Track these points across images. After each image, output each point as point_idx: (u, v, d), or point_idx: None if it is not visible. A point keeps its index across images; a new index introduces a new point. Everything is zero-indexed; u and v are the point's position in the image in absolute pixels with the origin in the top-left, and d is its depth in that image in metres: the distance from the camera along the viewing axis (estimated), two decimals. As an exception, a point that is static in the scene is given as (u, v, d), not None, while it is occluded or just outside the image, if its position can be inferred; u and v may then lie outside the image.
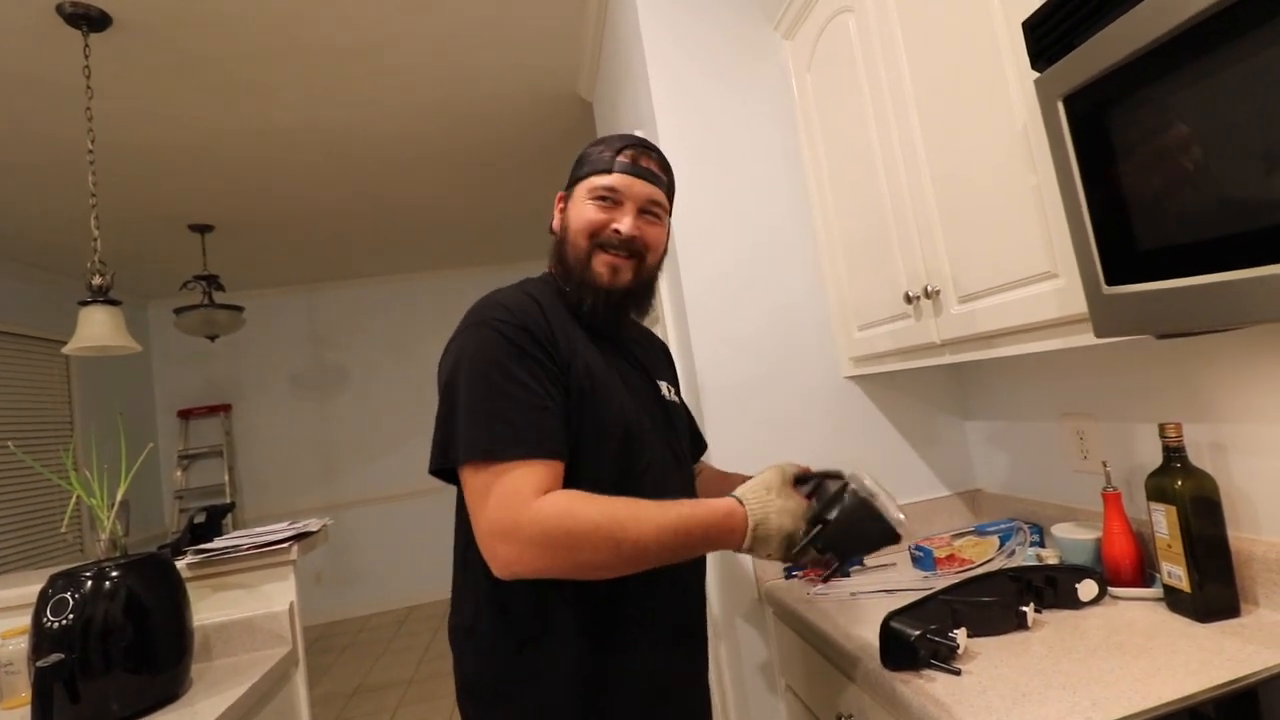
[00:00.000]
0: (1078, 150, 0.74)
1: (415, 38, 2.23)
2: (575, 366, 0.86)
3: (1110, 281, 0.73)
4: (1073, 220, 0.77)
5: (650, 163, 0.96)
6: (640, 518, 0.77)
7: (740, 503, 0.83)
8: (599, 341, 0.94)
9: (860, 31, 1.30)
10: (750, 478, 0.90)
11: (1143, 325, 0.71)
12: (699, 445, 1.22)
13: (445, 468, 0.83)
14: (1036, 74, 0.80)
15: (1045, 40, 0.78)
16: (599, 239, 0.92)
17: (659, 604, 0.92)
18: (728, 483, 1.08)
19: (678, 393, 1.12)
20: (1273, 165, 0.57)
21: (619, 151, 0.94)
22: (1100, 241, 0.74)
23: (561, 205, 1.00)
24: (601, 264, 0.92)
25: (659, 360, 1.13)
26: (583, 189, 0.95)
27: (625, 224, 0.92)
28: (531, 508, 0.74)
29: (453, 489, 0.89)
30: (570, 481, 0.82)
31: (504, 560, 0.75)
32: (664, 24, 1.63)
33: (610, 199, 0.92)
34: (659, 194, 0.96)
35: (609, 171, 0.93)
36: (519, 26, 2.25)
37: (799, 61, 1.59)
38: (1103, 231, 0.73)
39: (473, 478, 0.78)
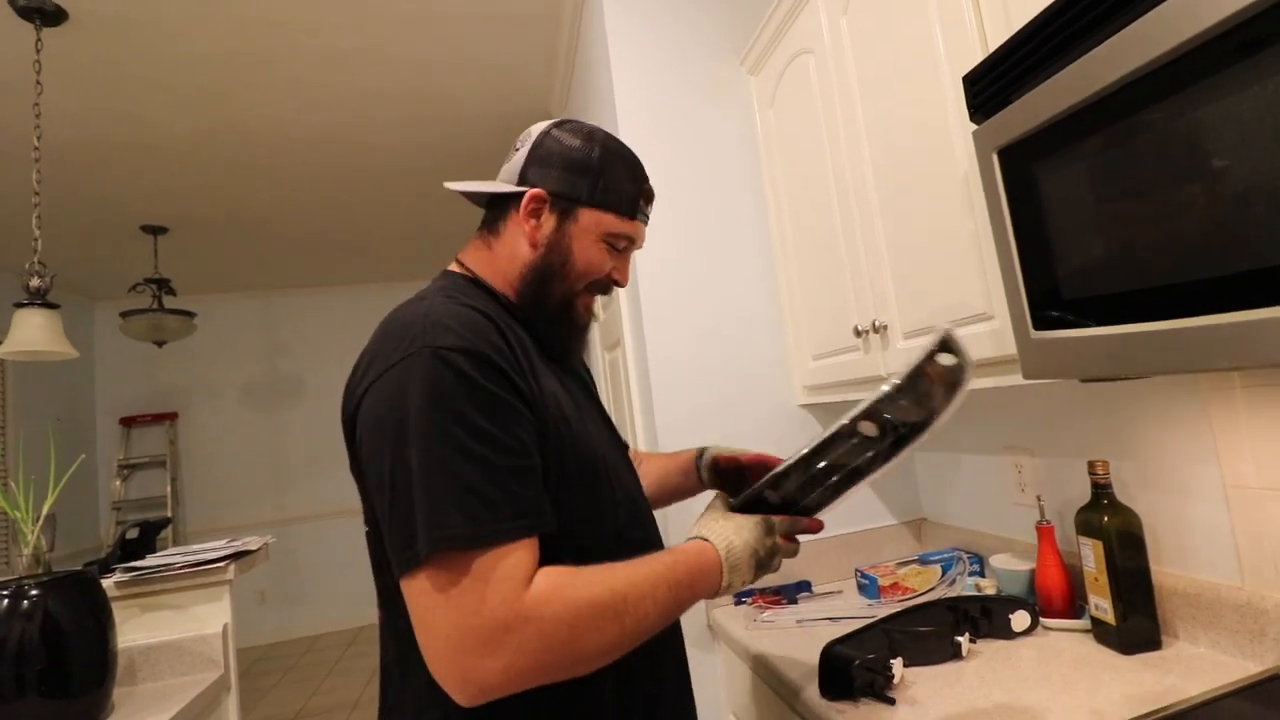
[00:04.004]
0: (1010, 201, 0.78)
1: (387, 50, 2.22)
2: (544, 398, 0.70)
3: (1037, 326, 0.77)
4: (1004, 267, 0.81)
5: (652, 205, 0.85)
6: (634, 580, 0.64)
7: (703, 539, 0.73)
8: (549, 361, 0.80)
9: (819, 72, 1.35)
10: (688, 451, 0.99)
11: (1066, 369, 0.75)
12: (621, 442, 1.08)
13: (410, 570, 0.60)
14: (975, 126, 0.84)
15: (983, 94, 0.82)
16: (595, 285, 0.81)
17: (663, 663, 0.79)
18: (675, 463, 1.04)
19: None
20: (1183, 226, 0.61)
21: (643, 194, 0.81)
22: (1029, 288, 0.78)
23: (548, 217, 0.78)
24: (584, 306, 0.82)
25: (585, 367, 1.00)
26: (594, 223, 0.78)
27: (625, 275, 0.83)
28: (522, 602, 0.58)
29: None
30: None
31: (482, 680, 0.57)
32: (632, 51, 1.67)
33: (621, 247, 0.81)
34: None
35: (633, 218, 0.80)
36: (493, 45, 2.26)
37: (763, 97, 1.64)
38: (1031, 279, 0.77)
39: (429, 573, 0.58)
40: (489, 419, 0.62)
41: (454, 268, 0.82)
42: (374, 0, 1.96)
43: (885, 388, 0.71)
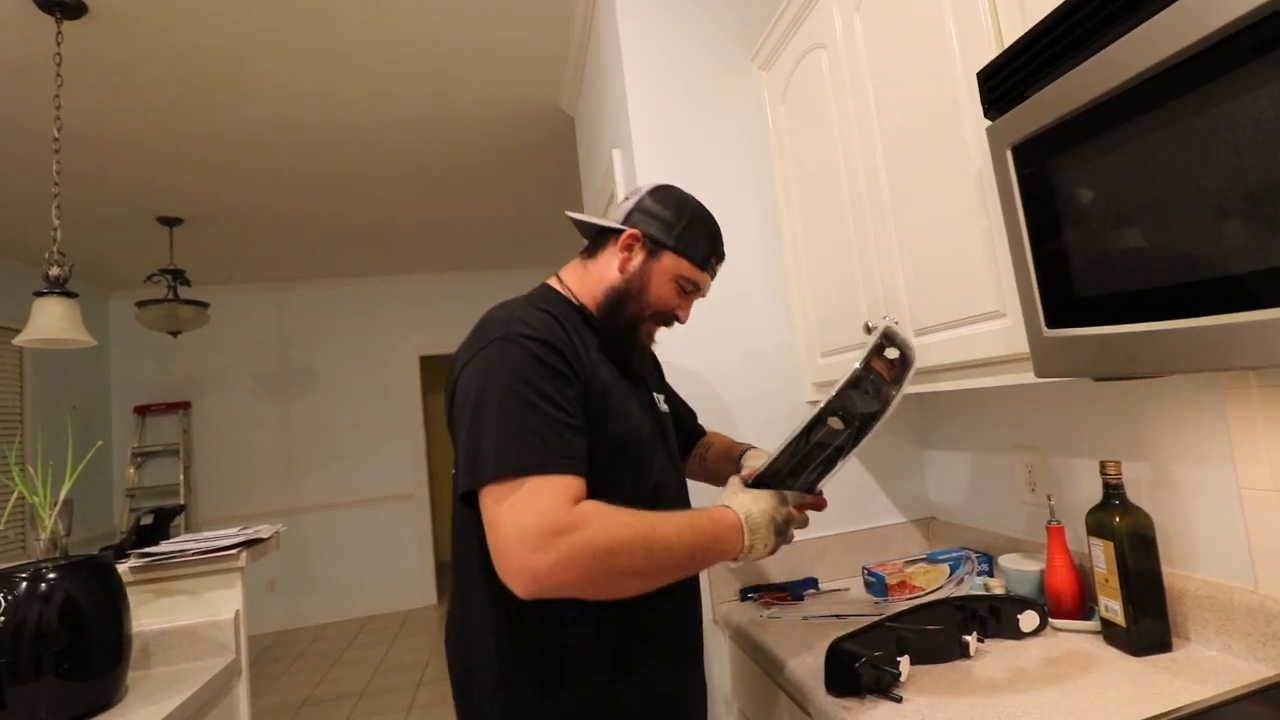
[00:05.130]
0: (1024, 198, 0.78)
1: (398, 44, 2.23)
2: (594, 383, 0.88)
3: (1050, 324, 0.77)
4: (1017, 263, 0.80)
5: (720, 265, 1.06)
6: (664, 518, 0.80)
7: (724, 506, 0.88)
8: (610, 361, 0.97)
9: (832, 68, 1.34)
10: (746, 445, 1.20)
11: (1079, 368, 0.74)
12: (695, 427, 1.32)
13: (475, 488, 0.80)
14: (989, 122, 0.83)
15: (998, 90, 0.81)
16: (660, 315, 1.00)
17: (672, 628, 0.96)
18: (728, 452, 1.23)
19: (667, 399, 1.17)
20: (1200, 223, 0.60)
21: (715, 254, 1.03)
22: (1042, 286, 0.77)
23: (638, 252, 0.99)
24: (647, 331, 1.02)
25: (652, 372, 1.18)
26: (672, 265, 0.98)
27: (686, 314, 1.03)
28: (570, 510, 0.74)
29: (412, 499, 0.92)
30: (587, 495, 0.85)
31: (536, 571, 0.71)
32: (644, 47, 1.67)
33: (689, 290, 1.01)
34: None
35: (703, 269, 1.01)
36: (504, 40, 2.27)
37: (774, 92, 1.63)
38: (1044, 276, 0.76)
39: (498, 490, 0.76)
40: (550, 385, 0.81)
41: (552, 281, 1.03)
42: (388, -6, 1.97)
43: (835, 389, 0.86)
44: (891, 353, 0.86)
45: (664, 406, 1.11)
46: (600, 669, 0.87)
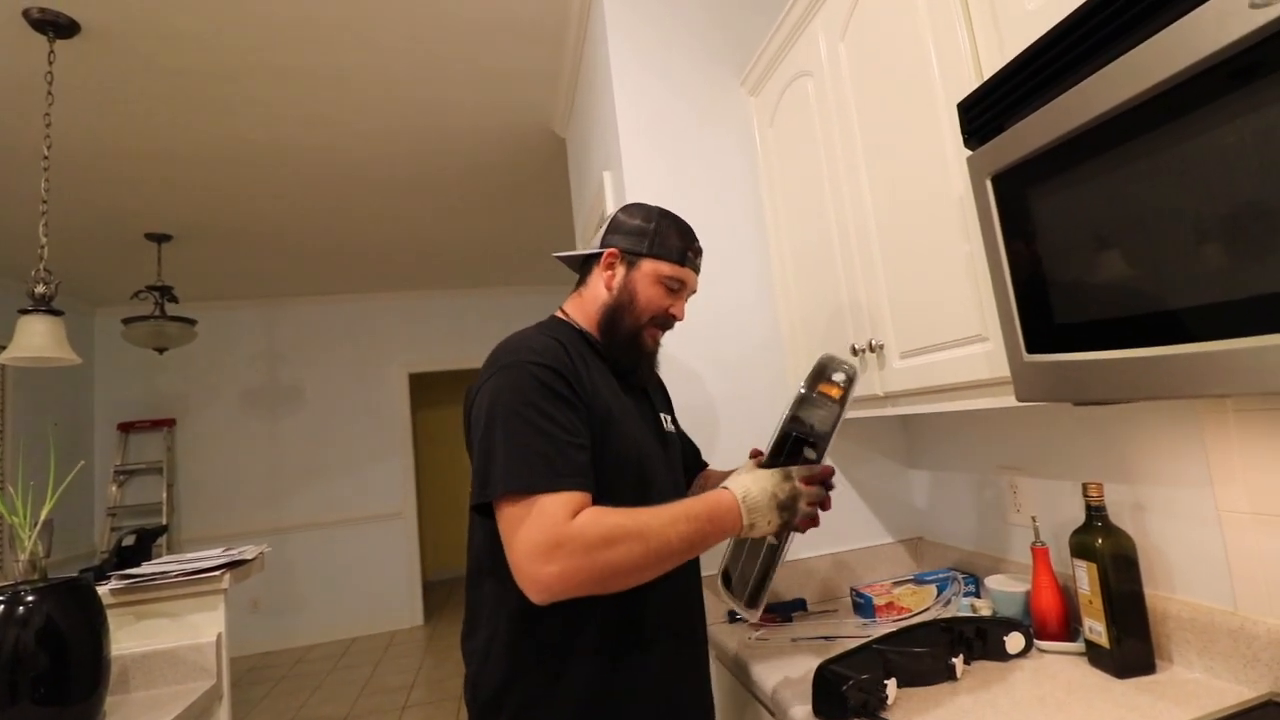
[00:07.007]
0: (1003, 226, 0.80)
1: (390, 68, 2.25)
2: (596, 404, 0.94)
3: (1030, 350, 0.78)
4: (998, 290, 0.82)
5: (700, 258, 1.12)
6: (657, 513, 0.87)
7: (724, 488, 0.94)
8: (616, 381, 1.04)
9: (818, 95, 1.37)
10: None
11: (1059, 392, 0.75)
12: (698, 461, 1.35)
13: (486, 501, 0.87)
14: (970, 151, 0.85)
15: (977, 121, 0.83)
16: (657, 319, 1.06)
17: (668, 617, 1.01)
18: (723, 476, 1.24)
19: (674, 421, 1.22)
20: (1173, 254, 0.62)
21: (690, 248, 1.08)
22: (1022, 312, 0.79)
23: (619, 267, 1.06)
24: (650, 336, 1.07)
25: (660, 395, 1.23)
26: (652, 269, 1.05)
27: (681, 311, 1.09)
28: (569, 524, 0.81)
29: (399, 518, 0.94)
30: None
31: (545, 581, 0.79)
32: (635, 71, 1.69)
33: (675, 288, 1.07)
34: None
35: (682, 264, 1.06)
36: (497, 63, 2.29)
37: (762, 117, 1.66)
38: (1024, 303, 0.78)
39: (510, 509, 0.83)
40: (553, 407, 0.88)
41: (557, 313, 1.11)
42: (379, 16, 2.00)
43: (786, 415, 0.97)
44: (838, 377, 0.97)
45: (670, 426, 1.15)
46: (602, 660, 0.93)
